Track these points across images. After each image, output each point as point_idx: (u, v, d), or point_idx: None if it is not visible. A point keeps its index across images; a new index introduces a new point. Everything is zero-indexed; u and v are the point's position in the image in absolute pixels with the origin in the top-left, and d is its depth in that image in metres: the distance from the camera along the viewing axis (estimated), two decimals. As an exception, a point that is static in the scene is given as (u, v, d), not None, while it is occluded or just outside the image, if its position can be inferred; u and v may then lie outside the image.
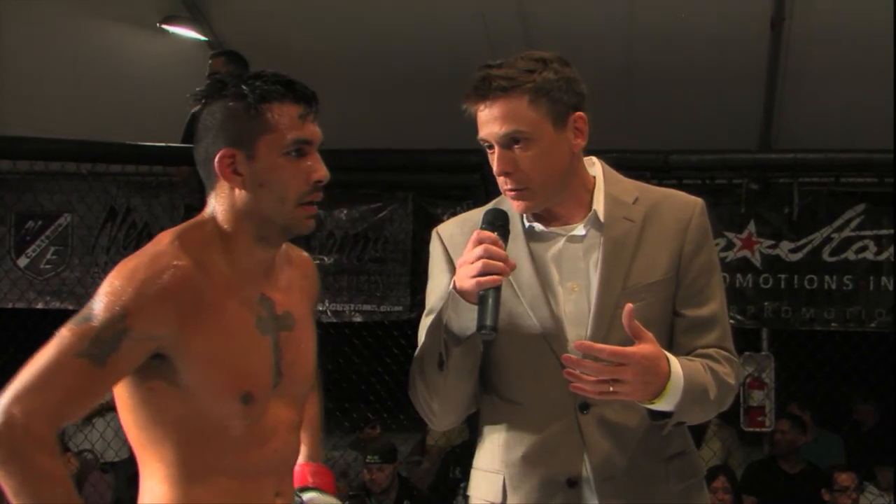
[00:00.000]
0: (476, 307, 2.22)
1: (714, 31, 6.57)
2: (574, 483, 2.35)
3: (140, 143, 5.87)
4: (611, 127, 6.76)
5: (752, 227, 6.68)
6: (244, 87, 2.08)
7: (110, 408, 2.77)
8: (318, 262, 7.10)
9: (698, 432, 7.14)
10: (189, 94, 2.16)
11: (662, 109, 7.03)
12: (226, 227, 2.10)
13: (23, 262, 7.63)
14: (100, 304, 1.95)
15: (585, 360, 2.15)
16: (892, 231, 6.55)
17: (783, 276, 6.72)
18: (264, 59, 6.70)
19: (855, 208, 6.60)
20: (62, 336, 1.93)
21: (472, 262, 2.22)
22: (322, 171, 2.15)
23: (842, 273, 6.67)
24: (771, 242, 6.70)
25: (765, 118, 7.28)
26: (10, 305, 7.61)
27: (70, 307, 7.34)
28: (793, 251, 6.68)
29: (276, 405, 2.14)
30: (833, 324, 6.76)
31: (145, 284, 1.96)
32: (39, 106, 7.22)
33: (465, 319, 2.26)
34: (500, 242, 2.26)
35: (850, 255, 6.66)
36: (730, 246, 6.71)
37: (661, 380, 2.21)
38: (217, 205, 2.12)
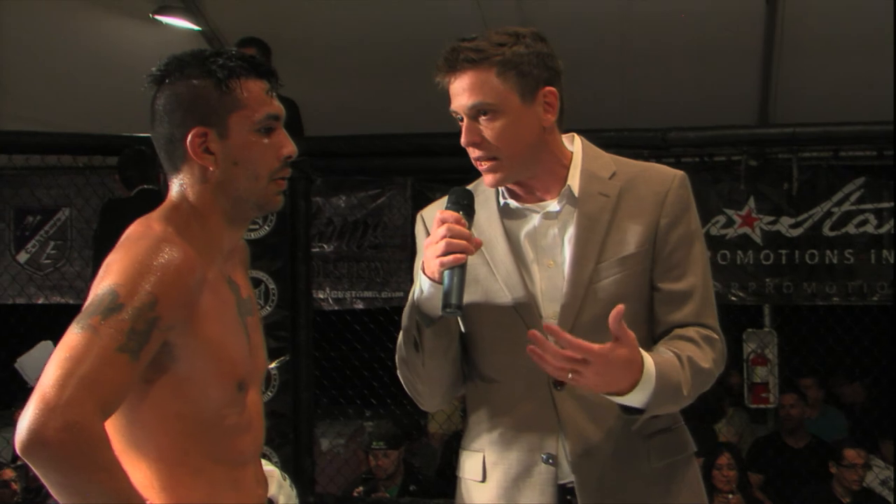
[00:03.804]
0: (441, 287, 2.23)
1: (710, 7, 6.55)
2: (551, 459, 2.35)
3: (135, 134, 5.84)
4: (608, 105, 6.79)
5: (751, 203, 6.67)
6: (209, 64, 2.05)
7: None
8: (317, 249, 7.11)
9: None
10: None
11: (659, 87, 7.01)
12: (199, 208, 2.07)
13: (22, 257, 7.64)
14: (124, 291, 1.87)
15: (550, 343, 2.12)
16: (892, 204, 6.53)
17: (784, 251, 6.71)
18: (258, 48, 6.67)
19: (854, 182, 6.59)
20: (95, 329, 1.83)
21: (436, 243, 2.23)
22: (291, 147, 2.11)
23: (843, 247, 6.66)
24: (771, 218, 6.69)
25: (762, 93, 7.26)
26: (10, 301, 7.61)
27: (71, 301, 7.35)
28: (793, 226, 6.67)
29: (251, 391, 2.14)
30: (835, 298, 6.75)
31: (165, 271, 1.90)
32: (33, 99, 7.19)
33: (434, 300, 2.27)
34: (464, 221, 2.26)
35: (850, 229, 6.65)
36: (730, 223, 6.70)
37: (626, 381, 2.18)
38: (187, 187, 2.08)
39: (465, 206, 2.31)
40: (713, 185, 6.63)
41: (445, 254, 2.22)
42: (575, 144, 2.48)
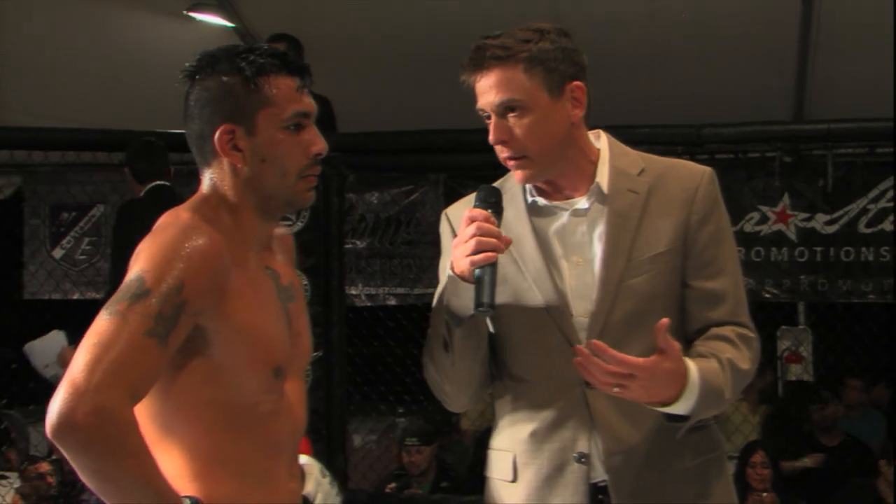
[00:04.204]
0: (473, 286, 2.21)
1: (745, 2, 6.51)
2: (583, 458, 2.34)
3: (169, 130, 5.87)
4: (642, 101, 6.75)
5: (786, 200, 6.62)
6: (239, 61, 2.05)
7: None
8: (350, 246, 7.12)
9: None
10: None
11: (694, 83, 6.97)
12: (230, 202, 2.08)
13: (58, 253, 7.70)
14: (150, 277, 1.89)
15: (595, 358, 2.13)
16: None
17: (819, 248, 6.66)
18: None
19: (890, 178, 6.53)
20: (123, 315, 1.85)
21: (466, 241, 2.22)
22: (321, 144, 2.10)
23: (878, 244, 6.60)
24: (806, 215, 6.64)
25: (797, 89, 7.20)
26: (46, 297, 7.68)
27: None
28: (828, 223, 6.62)
29: (289, 379, 2.14)
30: (871, 296, 6.69)
31: (190, 256, 1.92)
32: (68, 96, 7.24)
33: (464, 299, 2.25)
34: (493, 219, 2.25)
35: (886, 225, 6.59)
36: (764, 220, 6.66)
37: (671, 392, 2.19)
38: (217, 181, 2.09)
39: (494, 203, 2.29)
40: (747, 181, 6.59)
41: (476, 252, 2.20)
42: (601, 141, 2.47)
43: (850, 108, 6.27)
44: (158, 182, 5.58)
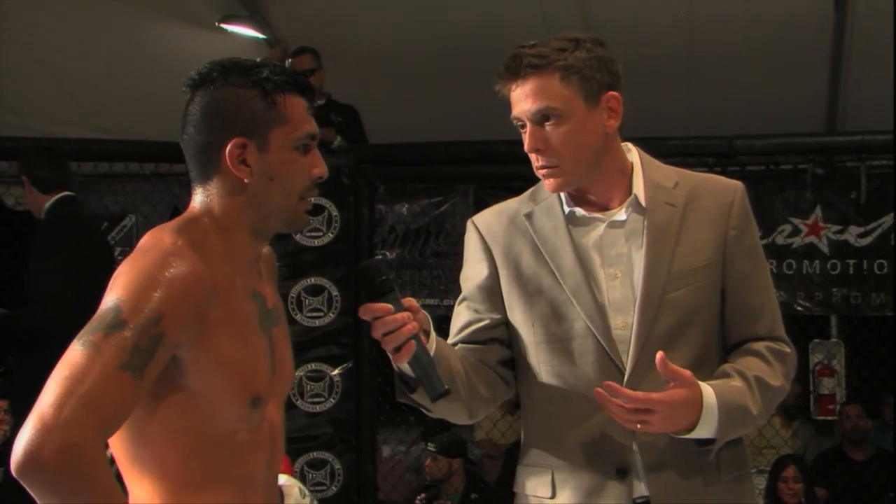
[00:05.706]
0: (418, 377, 2.21)
1: (777, 13, 6.48)
2: (624, 473, 2.32)
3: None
4: (674, 112, 6.74)
5: (818, 212, 6.56)
6: (254, 75, 2.01)
7: None
8: (380, 257, 7.12)
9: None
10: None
11: (726, 94, 6.95)
12: (224, 220, 2.01)
13: (89, 263, 7.71)
14: (127, 307, 1.81)
15: (614, 399, 2.17)
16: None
17: (851, 261, 6.59)
18: (322, 56, 6.72)
19: (925, 190, 6.46)
20: (97, 346, 1.78)
21: (380, 340, 2.16)
22: (323, 168, 2.06)
23: (912, 257, 6.53)
24: (838, 227, 6.58)
25: (830, 100, 7.17)
26: (78, 306, 7.71)
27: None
28: (861, 236, 6.56)
29: (269, 406, 2.06)
30: (904, 309, 6.62)
31: (171, 285, 1.85)
32: (100, 107, 7.29)
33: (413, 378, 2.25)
34: (388, 306, 2.15)
35: (920, 238, 6.52)
36: (796, 232, 6.61)
37: (689, 419, 2.22)
38: (215, 196, 2.02)
39: (381, 284, 2.18)
40: (779, 193, 6.53)
41: (396, 350, 2.16)
42: (633, 153, 2.46)
43: (884, 120, 6.23)
44: (65, 193, 5.25)
